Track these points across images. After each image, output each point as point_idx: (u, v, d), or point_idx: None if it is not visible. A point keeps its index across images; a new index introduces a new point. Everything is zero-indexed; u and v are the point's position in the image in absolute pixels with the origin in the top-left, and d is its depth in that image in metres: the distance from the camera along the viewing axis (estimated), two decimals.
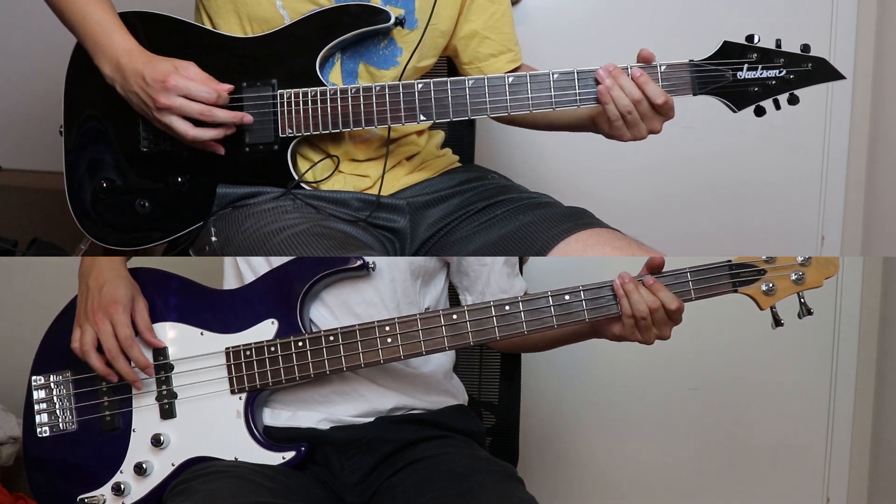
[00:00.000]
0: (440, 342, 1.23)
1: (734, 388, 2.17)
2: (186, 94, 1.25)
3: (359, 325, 1.23)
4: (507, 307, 1.22)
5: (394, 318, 1.23)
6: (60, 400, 1.31)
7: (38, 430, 1.31)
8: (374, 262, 1.28)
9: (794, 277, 1.22)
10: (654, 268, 1.22)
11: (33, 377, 1.33)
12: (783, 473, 2.19)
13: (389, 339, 1.23)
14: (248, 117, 1.30)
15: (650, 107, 1.26)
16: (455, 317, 1.22)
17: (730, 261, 1.22)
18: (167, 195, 1.36)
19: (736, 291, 1.22)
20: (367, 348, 1.23)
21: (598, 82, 1.27)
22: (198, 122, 1.27)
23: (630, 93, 1.25)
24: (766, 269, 1.22)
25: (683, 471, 2.21)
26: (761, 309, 1.23)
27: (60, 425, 1.31)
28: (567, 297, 1.22)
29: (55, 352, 1.32)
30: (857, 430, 2.18)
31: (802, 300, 1.22)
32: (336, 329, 1.24)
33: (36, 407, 1.32)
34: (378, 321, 1.23)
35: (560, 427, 2.22)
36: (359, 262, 1.26)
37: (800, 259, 1.22)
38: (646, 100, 1.25)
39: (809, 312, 1.22)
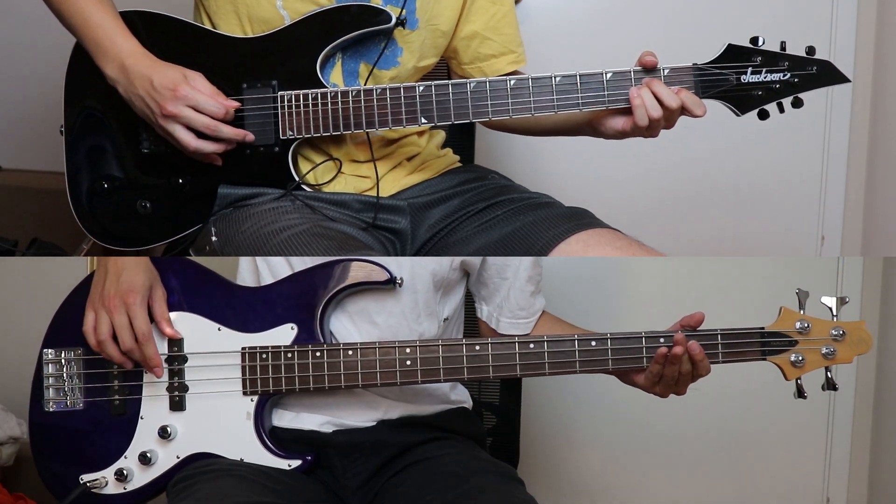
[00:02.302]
0: (460, 371, 1.22)
1: (734, 389, 2.17)
2: (195, 105, 1.25)
3: (379, 343, 1.22)
4: (532, 345, 1.21)
5: (415, 341, 1.22)
6: (70, 377, 1.30)
7: (45, 404, 1.30)
8: (401, 279, 1.26)
9: (824, 351, 1.21)
10: (693, 324, 1.21)
11: (45, 350, 1.31)
12: (783, 474, 2.19)
13: (409, 362, 1.22)
14: (250, 136, 1.30)
15: (681, 113, 1.26)
16: (478, 348, 1.21)
17: (762, 328, 1.21)
18: (168, 196, 1.36)
19: (764, 359, 1.22)
20: (385, 368, 1.22)
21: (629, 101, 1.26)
22: (199, 134, 1.27)
23: (668, 102, 1.24)
24: (797, 340, 1.21)
25: (683, 471, 2.21)
26: (787, 379, 1.22)
27: (68, 402, 1.30)
28: (593, 343, 1.21)
29: (69, 327, 1.30)
30: (857, 430, 2.18)
31: (829, 374, 1.21)
32: (356, 344, 1.23)
33: (45, 381, 1.30)
34: (399, 342, 1.22)
35: (561, 428, 2.22)
36: (387, 277, 1.25)
37: (833, 333, 1.21)
38: (681, 110, 1.25)
39: (834, 388, 1.21)
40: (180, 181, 1.35)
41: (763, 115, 1.28)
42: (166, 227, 1.37)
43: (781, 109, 1.28)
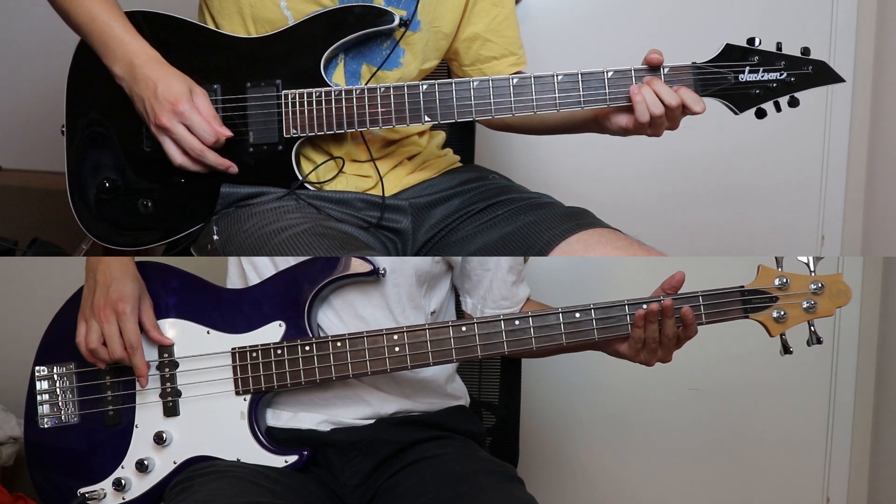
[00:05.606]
0: (448, 353, 1.22)
1: (734, 388, 2.18)
2: (189, 126, 1.26)
3: (367, 332, 1.23)
4: (517, 322, 1.22)
5: (402, 328, 1.23)
6: (63, 392, 1.31)
7: (40, 421, 1.31)
8: (384, 269, 1.27)
9: (805, 306, 1.22)
10: (675, 285, 1.22)
11: (37, 367, 1.32)
12: (783, 473, 2.19)
13: (397, 349, 1.22)
14: (233, 168, 1.31)
15: (682, 112, 1.27)
16: (464, 329, 1.22)
17: (742, 287, 1.23)
18: (170, 195, 1.36)
19: (747, 317, 1.22)
20: (375, 356, 1.23)
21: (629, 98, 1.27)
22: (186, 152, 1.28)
23: (668, 100, 1.25)
24: (777, 297, 1.22)
25: (683, 470, 2.22)
26: (771, 336, 1.23)
27: (62, 417, 1.31)
28: (577, 315, 1.22)
29: (59, 342, 1.32)
30: (857, 430, 2.18)
31: (812, 328, 1.22)
32: (344, 335, 1.24)
33: (38, 398, 1.31)
34: (387, 329, 1.23)
35: (560, 427, 2.22)
36: (370, 268, 1.26)
37: (812, 287, 1.22)
38: (682, 107, 1.26)
39: (819, 341, 1.22)
40: (182, 180, 1.35)
41: (760, 114, 1.29)
42: (168, 226, 1.37)
43: (778, 108, 1.29)
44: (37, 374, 1.32)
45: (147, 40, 1.30)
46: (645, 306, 1.20)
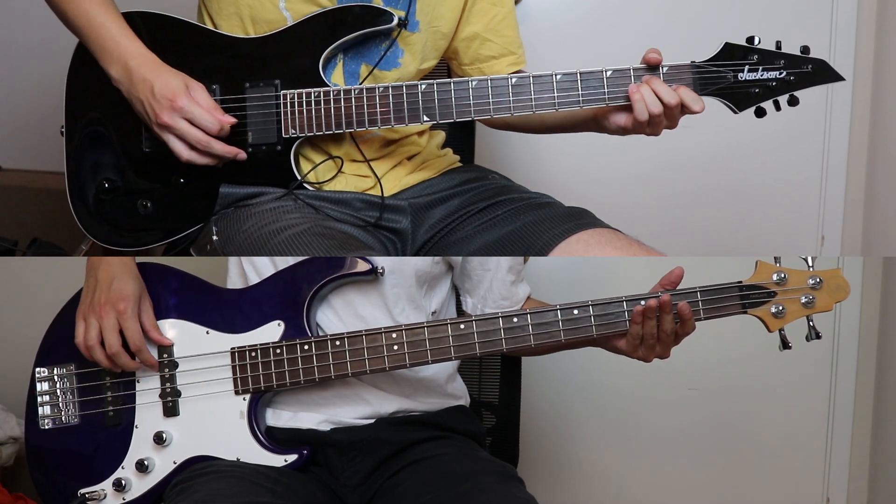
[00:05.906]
0: (447, 352, 1.23)
1: (734, 388, 2.18)
2: (191, 119, 1.25)
3: (365, 331, 1.23)
4: (515, 319, 1.22)
5: (401, 326, 1.23)
6: (63, 393, 1.31)
7: (41, 422, 1.31)
8: (382, 268, 1.28)
9: (804, 301, 1.21)
10: (673, 280, 1.22)
11: (37, 369, 1.33)
12: (783, 473, 2.19)
13: (396, 347, 1.22)
14: (241, 154, 1.30)
15: (681, 111, 1.27)
16: (462, 327, 1.22)
17: (740, 282, 1.23)
18: (169, 195, 1.36)
19: (745, 313, 1.22)
20: (373, 355, 1.23)
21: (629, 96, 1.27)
22: (192, 146, 1.28)
23: (667, 99, 1.25)
24: (776, 292, 1.21)
25: (683, 470, 2.22)
26: (770, 331, 1.23)
27: (63, 418, 1.31)
28: (576, 312, 1.22)
29: (60, 343, 1.32)
30: (857, 430, 2.18)
31: (811, 323, 1.22)
32: (343, 334, 1.24)
33: (39, 399, 1.32)
34: (385, 328, 1.23)
35: (560, 427, 2.22)
36: (368, 267, 1.26)
37: (810, 282, 1.22)
38: (680, 106, 1.26)
39: (818, 336, 1.22)
40: (182, 180, 1.35)
41: (760, 113, 1.29)
42: (167, 226, 1.37)
43: (778, 107, 1.29)
44: (37, 375, 1.32)
45: (145, 41, 1.30)
46: (643, 302, 1.21)
